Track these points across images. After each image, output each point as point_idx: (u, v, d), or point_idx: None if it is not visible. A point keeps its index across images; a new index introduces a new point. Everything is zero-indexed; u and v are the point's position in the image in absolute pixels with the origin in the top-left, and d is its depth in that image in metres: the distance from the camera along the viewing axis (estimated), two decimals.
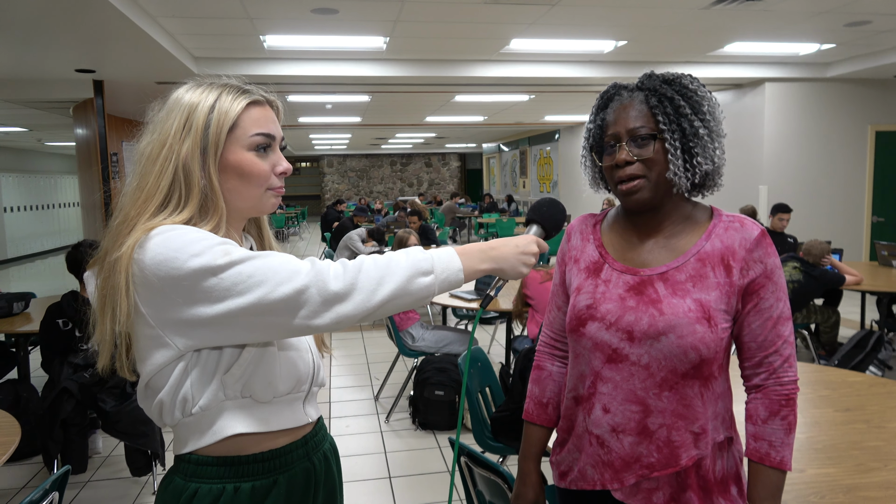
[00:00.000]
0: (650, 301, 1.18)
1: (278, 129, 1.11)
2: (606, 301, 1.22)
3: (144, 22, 4.53)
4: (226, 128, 1.03)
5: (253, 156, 1.05)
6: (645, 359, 1.17)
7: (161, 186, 1.01)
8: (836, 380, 2.39)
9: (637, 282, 1.21)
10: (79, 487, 3.21)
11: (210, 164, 1.03)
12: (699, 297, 1.16)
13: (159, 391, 1.01)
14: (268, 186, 1.08)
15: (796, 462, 1.71)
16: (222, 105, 1.04)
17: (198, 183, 1.02)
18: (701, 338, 1.13)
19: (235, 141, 1.04)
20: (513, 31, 5.59)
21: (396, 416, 4.05)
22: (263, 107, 1.08)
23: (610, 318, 1.20)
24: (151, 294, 0.94)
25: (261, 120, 1.06)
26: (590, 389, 1.24)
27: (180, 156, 1.01)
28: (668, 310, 1.15)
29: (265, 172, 1.07)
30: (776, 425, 1.18)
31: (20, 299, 4.00)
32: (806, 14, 5.21)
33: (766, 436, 1.18)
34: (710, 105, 1.18)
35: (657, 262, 1.22)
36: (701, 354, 1.14)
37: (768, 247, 1.18)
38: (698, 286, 1.17)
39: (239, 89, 1.07)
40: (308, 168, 24.05)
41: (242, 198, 1.07)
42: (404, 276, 0.98)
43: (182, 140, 1.02)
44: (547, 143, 15.12)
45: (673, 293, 1.17)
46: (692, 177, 1.17)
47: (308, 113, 10.50)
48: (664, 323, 1.15)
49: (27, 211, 14.37)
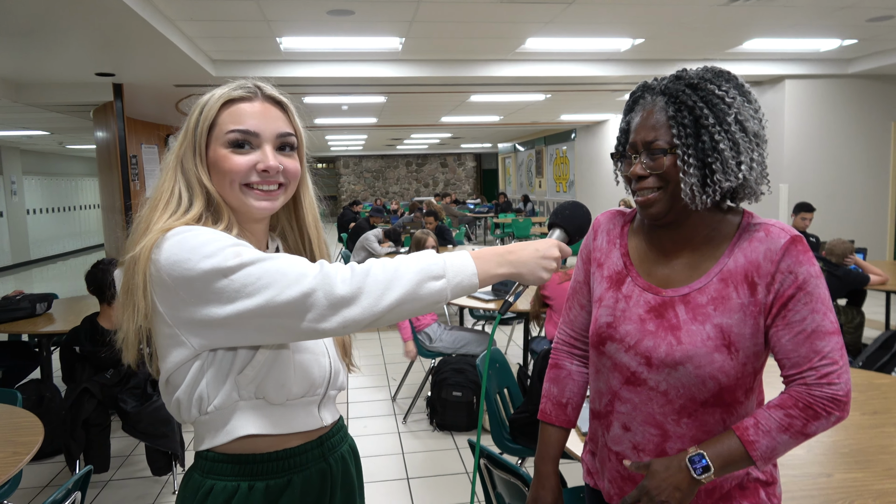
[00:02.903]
0: (669, 327, 1.13)
1: (268, 126, 1.05)
2: (626, 321, 1.18)
3: (163, 26, 4.57)
4: (205, 125, 1.04)
5: (227, 152, 1.03)
6: (663, 385, 1.13)
7: (166, 187, 1.04)
8: (861, 382, 2.34)
9: (658, 303, 1.16)
10: (100, 487, 3.24)
11: (198, 162, 1.04)
12: (720, 322, 1.09)
13: (178, 389, 1.03)
14: (243, 182, 1.04)
15: (822, 466, 1.68)
16: (207, 103, 1.05)
17: (198, 183, 1.04)
18: (720, 367, 1.08)
19: (215, 139, 1.04)
20: (528, 31, 5.57)
21: (414, 417, 4.05)
22: (252, 102, 1.05)
23: (629, 341, 1.17)
24: (167, 294, 0.95)
25: (242, 116, 1.04)
26: (607, 407, 1.22)
27: (179, 156, 1.05)
28: (687, 338, 1.10)
29: (237, 168, 1.03)
30: (776, 415, 1.06)
31: (43, 300, 4.06)
32: (827, 9, 5.13)
33: (759, 416, 1.08)
34: (739, 112, 1.07)
35: (679, 282, 1.16)
36: (720, 383, 1.09)
37: (800, 254, 1.07)
38: (720, 309, 1.10)
39: (235, 87, 1.06)
40: (324, 169, 24.16)
41: (229, 197, 1.05)
42: (414, 280, 0.95)
43: (181, 141, 1.06)
44: (563, 143, 15.05)
45: (693, 318, 1.11)
46: (712, 194, 1.08)
47: (324, 114, 10.54)
48: (681, 353, 1.10)
49: (49, 213, 14.60)
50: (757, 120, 1.10)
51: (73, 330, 3.22)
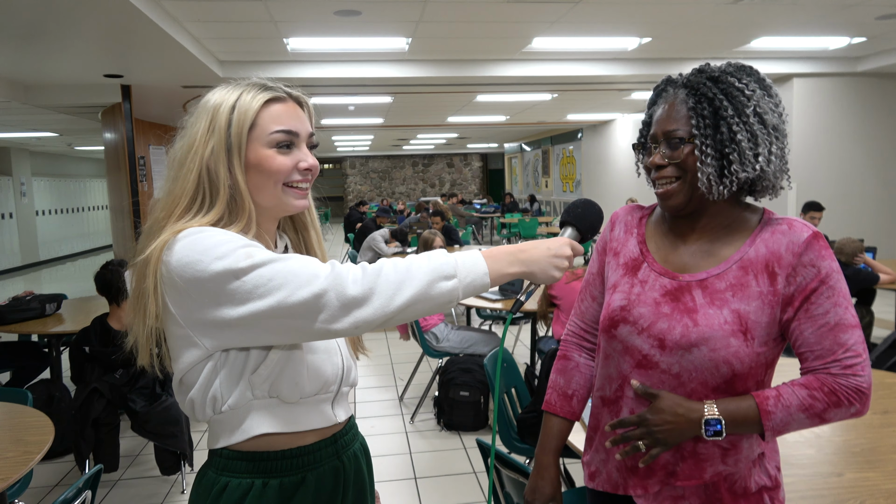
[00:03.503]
0: (685, 310, 1.13)
1: (304, 126, 1.08)
2: (641, 304, 1.18)
3: (171, 27, 4.59)
4: (246, 126, 1.03)
5: (273, 152, 1.04)
6: (675, 368, 1.13)
7: (187, 189, 1.02)
8: (873, 381, 2.33)
9: (674, 287, 1.16)
10: (110, 486, 3.26)
11: (235, 163, 1.03)
12: (738, 308, 1.10)
13: (191, 388, 1.03)
14: (285, 182, 1.06)
15: (833, 465, 1.67)
16: (242, 103, 1.03)
17: (224, 183, 1.02)
18: (735, 352, 1.08)
19: (255, 139, 1.04)
20: (535, 30, 5.56)
21: (421, 417, 4.05)
22: (286, 103, 1.07)
23: (642, 323, 1.16)
24: (179, 295, 0.95)
25: (281, 116, 1.05)
26: (616, 392, 1.21)
27: (204, 157, 1.02)
28: (703, 321, 1.11)
29: (284, 168, 1.05)
30: (801, 393, 1.06)
31: (52, 301, 4.08)
32: (835, 7, 5.10)
33: (781, 389, 1.08)
34: (758, 105, 1.09)
35: (697, 268, 1.16)
36: (734, 369, 1.09)
37: (822, 249, 1.09)
38: (738, 296, 1.11)
39: (261, 87, 1.06)
40: (331, 170, 24.21)
41: (266, 196, 1.06)
42: (425, 280, 0.95)
43: (206, 142, 1.03)
44: (570, 143, 15.02)
45: (710, 303, 1.12)
46: (729, 185, 1.10)
47: (331, 115, 10.56)
48: (697, 334, 1.10)
49: (58, 214, 14.69)
50: (777, 114, 1.11)
51: (83, 330, 3.23)
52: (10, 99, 6.23)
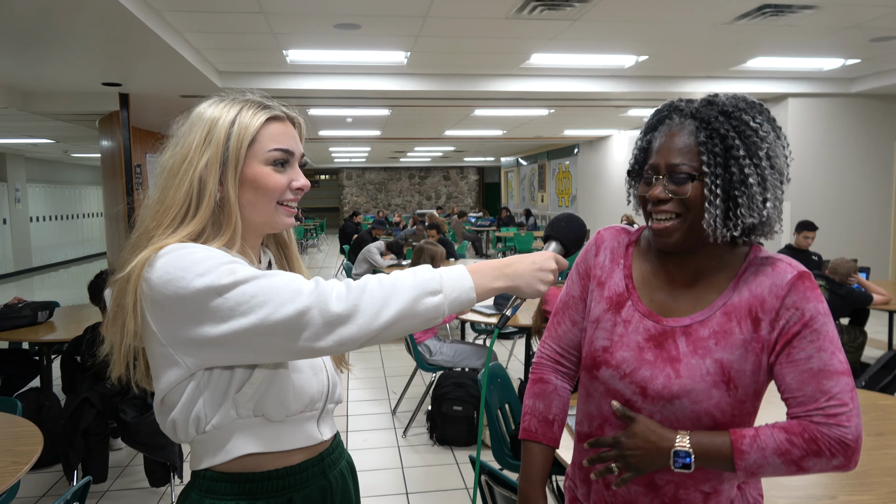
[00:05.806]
0: (669, 358, 1.10)
1: (298, 146, 1.10)
2: (623, 348, 1.14)
3: (171, 37, 4.61)
4: (246, 142, 1.03)
5: (269, 170, 1.05)
6: (657, 417, 1.10)
7: (177, 198, 1.02)
8: (865, 403, 2.33)
9: (658, 332, 1.12)
10: (97, 497, 3.22)
11: (230, 177, 1.03)
12: (720, 358, 1.06)
13: (173, 409, 1.01)
14: (279, 200, 1.07)
15: (826, 488, 1.66)
16: (243, 119, 1.04)
17: (210, 195, 1.02)
18: (716, 403, 1.06)
19: (254, 155, 1.04)
20: (534, 46, 5.60)
21: (414, 431, 4.03)
22: (283, 123, 1.09)
23: (625, 368, 1.13)
24: (160, 313, 0.94)
25: (279, 136, 1.07)
26: (597, 431, 1.19)
27: (198, 168, 1.02)
28: (686, 372, 1.07)
29: (280, 186, 1.06)
30: (778, 437, 1.01)
31: (44, 308, 4.05)
32: (831, 29, 5.15)
33: (760, 431, 1.03)
34: (770, 148, 1.04)
35: (682, 312, 1.12)
36: (716, 420, 1.06)
37: (807, 290, 1.04)
38: (721, 344, 1.07)
39: (260, 105, 1.07)
40: (327, 180, 24.23)
41: (257, 212, 1.06)
42: (410, 296, 0.94)
43: (202, 153, 1.03)
44: (566, 158, 15.08)
45: (693, 351, 1.08)
46: (732, 228, 1.04)
47: (328, 126, 10.58)
48: (679, 386, 1.07)
49: (52, 221, 14.63)
50: (784, 157, 1.08)
51: (75, 339, 3.21)
52: (8, 105, 6.22)
